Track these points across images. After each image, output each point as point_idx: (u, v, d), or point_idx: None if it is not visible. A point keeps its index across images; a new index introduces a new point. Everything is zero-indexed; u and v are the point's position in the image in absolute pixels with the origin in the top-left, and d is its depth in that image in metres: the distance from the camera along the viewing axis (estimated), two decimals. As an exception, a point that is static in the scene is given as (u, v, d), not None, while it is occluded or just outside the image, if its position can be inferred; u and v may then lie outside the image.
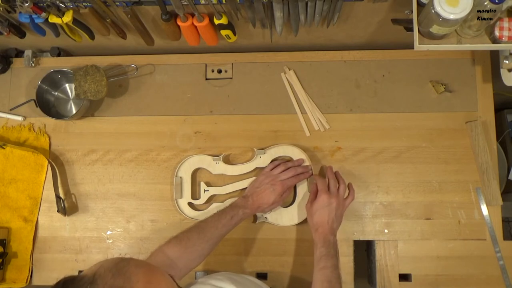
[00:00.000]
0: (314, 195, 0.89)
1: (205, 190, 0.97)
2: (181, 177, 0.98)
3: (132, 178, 1.01)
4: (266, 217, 0.95)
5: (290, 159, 0.97)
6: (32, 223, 1.00)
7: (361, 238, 0.95)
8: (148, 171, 1.01)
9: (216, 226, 0.84)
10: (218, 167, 0.98)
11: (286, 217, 0.95)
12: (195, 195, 0.99)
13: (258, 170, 0.97)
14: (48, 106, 1.03)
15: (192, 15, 0.88)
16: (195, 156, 0.99)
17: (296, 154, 0.97)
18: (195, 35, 0.93)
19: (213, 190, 0.97)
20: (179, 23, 0.88)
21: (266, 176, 0.92)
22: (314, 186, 0.90)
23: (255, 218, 0.96)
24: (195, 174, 1.00)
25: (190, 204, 0.97)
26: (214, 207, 0.96)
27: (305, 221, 0.95)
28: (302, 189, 0.95)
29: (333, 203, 0.85)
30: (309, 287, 0.80)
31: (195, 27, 0.90)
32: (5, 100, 1.07)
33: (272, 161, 0.97)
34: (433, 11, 0.70)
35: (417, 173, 0.96)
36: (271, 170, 0.93)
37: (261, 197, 0.88)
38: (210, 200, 0.98)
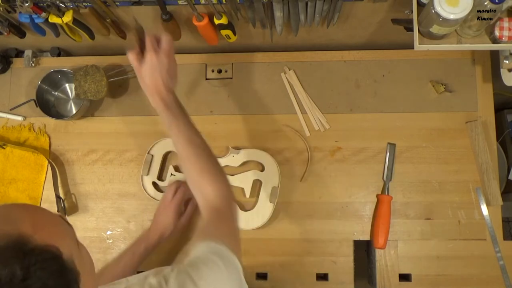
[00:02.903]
0: (139, 55, 0.77)
1: (171, 174, 0.98)
2: (152, 155, 0.98)
3: (132, 178, 1.01)
4: None
5: (262, 168, 0.96)
6: (32, 223, 1.00)
7: (361, 238, 0.95)
8: (148, 171, 1.01)
9: (117, 265, 0.83)
10: None
11: (244, 221, 0.94)
12: (161, 176, 0.99)
13: (228, 168, 0.97)
14: (48, 106, 1.03)
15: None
16: (169, 138, 0.99)
17: (268, 161, 0.96)
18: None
19: (179, 176, 0.97)
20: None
21: (159, 204, 0.92)
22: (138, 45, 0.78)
23: None
24: (167, 156, 1.00)
25: (154, 183, 0.98)
26: None
27: (305, 221, 0.95)
28: (265, 194, 0.95)
29: (163, 59, 0.76)
30: (308, 286, 0.80)
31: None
32: (5, 100, 1.07)
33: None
34: (433, 11, 0.70)
35: (417, 173, 0.96)
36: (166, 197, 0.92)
37: (160, 226, 0.88)
38: None
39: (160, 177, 0.99)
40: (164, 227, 0.89)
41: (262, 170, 0.96)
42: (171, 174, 0.97)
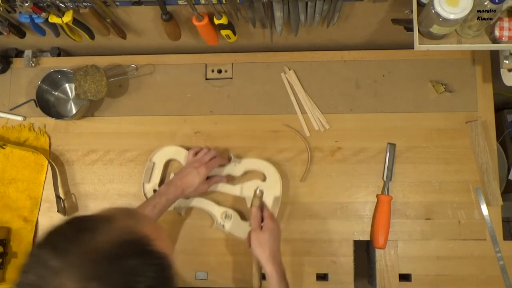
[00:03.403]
0: (258, 223, 0.85)
1: None
2: (154, 163, 0.98)
3: (132, 178, 1.01)
4: (223, 225, 0.94)
5: (264, 178, 0.96)
6: (32, 223, 1.00)
7: (361, 238, 0.95)
8: (148, 171, 1.01)
9: None
10: None
11: (243, 231, 0.92)
12: (162, 183, 0.99)
13: (230, 177, 0.97)
14: (48, 106, 1.03)
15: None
16: (172, 146, 0.99)
17: (270, 171, 0.96)
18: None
19: None
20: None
21: (190, 161, 0.93)
22: (255, 213, 0.86)
23: (212, 222, 0.96)
24: (168, 163, 1.00)
25: (155, 191, 0.97)
26: (176, 201, 0.93)
27: (305, 221, 0.95)
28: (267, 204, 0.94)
29: (279, 229, 0.85)
30: (308, 286, 0.80)
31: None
32: (5, 100, 1.07)
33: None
34: (433, 11, 0.70)
35: (417, 173, 0.96)
36: (194, 155, 0.94)
37: (185, 181, 0.88)
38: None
39: (161, 185, 0.98)
40: (188, 186, 0.88)
41: (264, 180, 0.96)
42: None
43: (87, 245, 0.45)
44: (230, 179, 0.97)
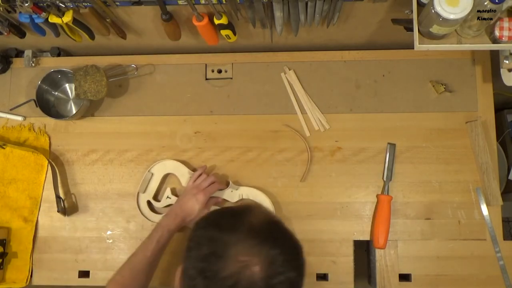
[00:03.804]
0: None
1: (167, 197, 0.97)
2: (152, 174, 0.98)
3: (132, 178, 1.01)
4: None
5: (257, 204, 0.96)
6: (32, 223, 1.00)
7: (361, 238, 0.95)
8: (148, 171, 1.01)
9: (145, 256, 0.83)
10: None
11: None
12: (157, 196, 0.99)
13: (225, 202, 0.97)
14: (48, 106, 1.03)
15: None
16: (173, 161, 0.99)
17: (264, 203, 0.95)
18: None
19: (174, 200, 0.96)
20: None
21: (189, 188, 0.93)
22: None
23: None
24: (166, 177, 1.00)
25: (149, 202, 0.97)
26: None
27: (305, 221, 0.95)
28: None
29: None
30: (308, 286, 0.80)
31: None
32: (5, 100, 1.07)
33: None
34: (433, 11, 0.70)
35: (417, 173, 0.96)
36: (194, 182, 0.94)
37: (184, 209, 0.89)
38: (169, 207, 0.96)
39: (156, 197, 0.99)
40: (188, 214, 0.89)
41: None
42: (167, 197, 0.97)
43: (246, 224, 0.59)
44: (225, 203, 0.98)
